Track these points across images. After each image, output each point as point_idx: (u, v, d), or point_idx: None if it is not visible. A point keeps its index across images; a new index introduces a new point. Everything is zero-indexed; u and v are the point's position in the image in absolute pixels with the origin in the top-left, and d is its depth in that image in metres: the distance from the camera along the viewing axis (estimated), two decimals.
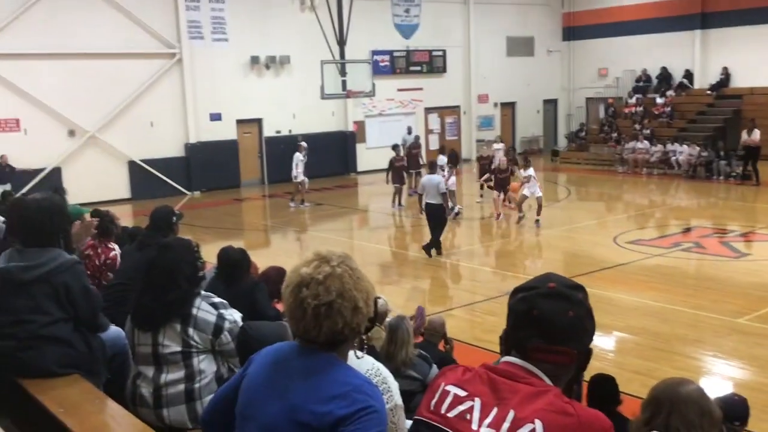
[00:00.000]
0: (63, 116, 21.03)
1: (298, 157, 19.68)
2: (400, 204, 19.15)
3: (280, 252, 14.93)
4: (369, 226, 17.23)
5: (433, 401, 1.95)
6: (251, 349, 3.57)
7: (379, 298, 7.00)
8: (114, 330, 4.08)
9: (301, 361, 2.13)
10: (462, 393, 1.91)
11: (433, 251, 13.53)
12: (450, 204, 14.29)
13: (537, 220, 16.15)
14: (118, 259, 6.44)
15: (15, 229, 3.87)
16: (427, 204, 13.55)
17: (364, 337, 2.32)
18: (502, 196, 17.42)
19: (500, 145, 22.72)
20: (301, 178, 19.62)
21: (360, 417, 2.01)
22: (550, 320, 1.88)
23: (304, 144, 20.25)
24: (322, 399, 2.04)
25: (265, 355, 2.26)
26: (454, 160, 19.07)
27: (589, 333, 1.93)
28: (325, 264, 2.11)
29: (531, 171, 16.34)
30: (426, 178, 13.98)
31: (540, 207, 16.24)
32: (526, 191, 16.34)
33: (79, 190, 19.38)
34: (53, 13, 20.50)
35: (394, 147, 19.77)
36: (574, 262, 13.30)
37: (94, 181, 21.13)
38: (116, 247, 6.55)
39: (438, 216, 13.48)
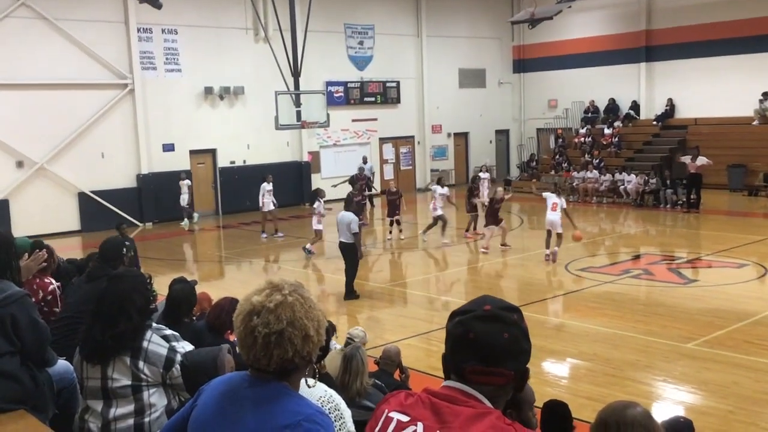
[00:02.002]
0: (11, 147, 20.62)
1: (265, 188, 19.64)
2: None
3: (235, 283, 14.80)
4: (325, 255, 17.18)
5: (377, 428, 1.97)
6: (192, 379, 3.54)
7: (356, 328, 6.99)
8: (62, 364, 4.00)
9: (252, 391, 2.11)
10: (404, 418, 1.93)
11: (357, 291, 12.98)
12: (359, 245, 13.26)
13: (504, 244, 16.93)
14: (58, 292, 6.27)
15: None
16: (339, 243, 13.13)
17: (316, 366, 2.31)
18: (493, 228, 16.76)
19: (486, 175, 22.94)
20: (268, 207, 19.61)
21: None
22: (485, 342, 1.91)
23: (270, 176, 20.29)
24: (273, 428, 2.03)
25: (215, 385, 2.24)
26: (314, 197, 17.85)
27: (525, 353, 1.97)
28: (276, 292, 2.11)
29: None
30: (339, 215, 13.26)
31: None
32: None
33: (27, 222, 19.07)
34: (2, 43, 20.21)
35: (351, 182, 19.73)
36: (527, 290, 13.46)
37: (43, 213, 20.72)
38: (53, 281, 6.38)
39: (348, 257, 12.91)
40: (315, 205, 17.38)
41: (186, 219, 22.26)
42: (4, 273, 3.69)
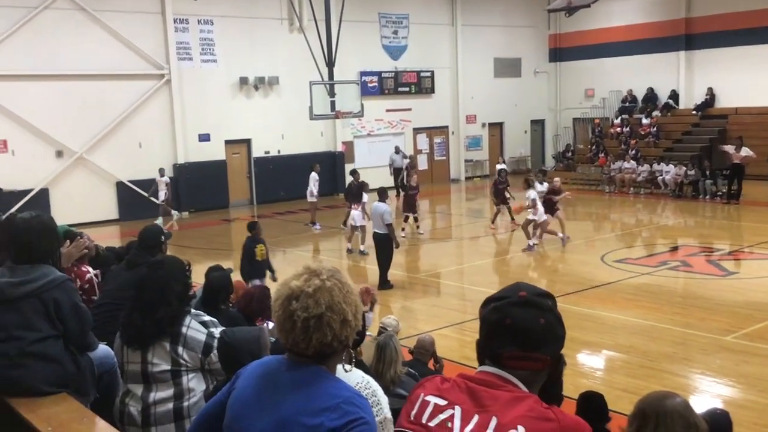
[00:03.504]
0: (51, 137, 21.00)
1: (314, 177, 19.72)
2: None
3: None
4: (358, 246, 17.22)
5: (413, 412, 1.98)
6: (232, 356, 3.58)
7: (389, 317, 7.04)
8: (103, 348, 4.07)
9: (290, 374, 2.13)
10: (442, 402, 1.94)
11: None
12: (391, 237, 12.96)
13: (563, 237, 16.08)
14: (95, 280, 6.38)
15: (5, 247, 3.87)
16: (373, 233, 13.18)
17: (353, 351, 2.33)
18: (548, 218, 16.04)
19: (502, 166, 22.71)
20: (315, 198, 19.75)
21: (351, 429, 2.02)
22: (523, 328, 1.93)
23: (318, 165, 20.38)
24: (312, 411, 2.04)
25: (253, 368, 2.26)
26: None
27: (560, 339, 1.98)
28: (315, 277, 2.12)
29: (533, 193, 15.65)
30: (373, 205, 13.28)
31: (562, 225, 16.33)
32: (532, 215, 15.74)
33: (66, 211, 19.39)
34: (42, 35, 20.54)
35: (352, 172, 19.48)
36: (562, 281, 13.34)
37: (82, 202, 21.08)
38: (90, 269, 6.48)
39: (382, 248, 12.88)
40: (364, 200, 16.81)
41: (160, 217, 19.94)
42: (47, 258, 3.76)
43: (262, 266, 11.35)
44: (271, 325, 6.09)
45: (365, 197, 16.97)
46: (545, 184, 16.83)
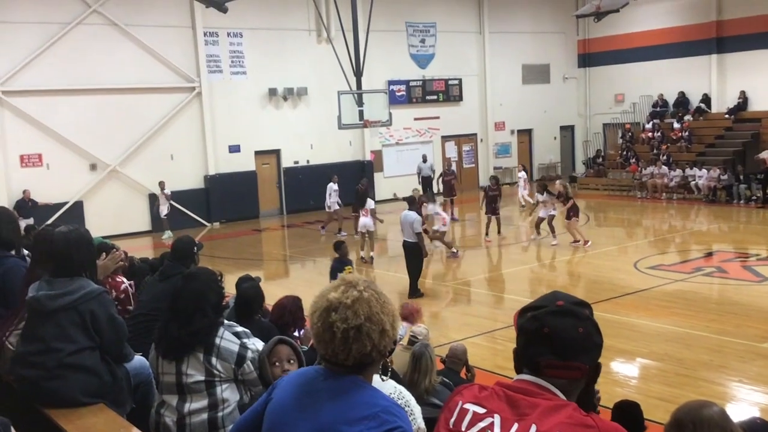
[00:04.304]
0: (85, 150, 21.35)
1: (332, 187, 19.87)
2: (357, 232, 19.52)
3: (299, 282, 14.97)
4: (387, 254, 17.23)
5: (452, 419, 1.98)
6: None
7: (419, 326, 7.03)
8: (138, 359, 4.13)
9: (328, 384, 2.16)
10: (481, 410, 1.95)
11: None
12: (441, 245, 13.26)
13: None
14: (130, 291, 6.47)
15: (43, 260, 3.95)
16: (403, 242, 13.14)
17: (388, 360, 2.35)
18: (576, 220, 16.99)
19: (523, 174, 22.73)
20: (335, 207, 19.86)
21: None
22: (561, 337, 1.94)
23: (335, 176, 20.53)
24: (351, 420, 2.07)
25: (290, 379, 2.30)
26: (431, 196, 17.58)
27: (598, 348, 2.00)
28: (352, 289, 2.16)
29: (545, 196, 17.36)
30: (402, 214, 13.22)
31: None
32: (542, 213, 17.41)
33: (100, 223, 19.65)
34: (75, 50, 20.92)
35: (361, 180, 19.75)
36: (594, 288, 13.22)
37: (116, 214, 21.37)
38: (125, 280, 6.57)
39: (412, 256, 12.88)
40: (371, 206, 17.10)
41: (169, 231, 20.51)
42: (84, 270, 3.83)
43: None
44: (302, 333, 6.11)
45: (371, 203, 17.11)
46: (545, 194, 17.35)
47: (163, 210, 20.90)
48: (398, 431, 2.07)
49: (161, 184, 20.97)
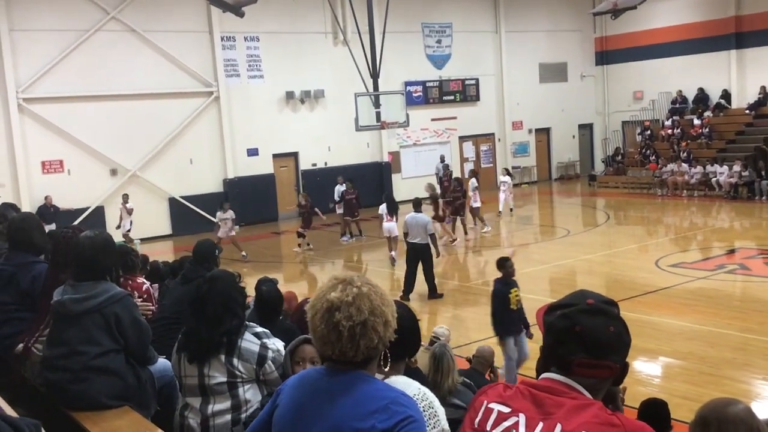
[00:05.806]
0: (105, 156, 21.54)
1: (339, 190, 19.91)
2: (351, 235, 19.89)
3: (318, 283, 14.95)
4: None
5: (477, 419, 1.98)
6: None
7: (440, 327, 7.02)
8: (162, 362, 4.16)
9: (333, 382, 2.16)
10: (506, 409, 1.95)
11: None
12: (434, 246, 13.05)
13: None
14: (152, 291, 6.52)
15: (68, 264, 4.00)
16: (412, 244, 12.95)
17: (409, 361, 2.36)
18: None
19: (507, 178, 22.65)
20: (341, 210, 19.94)
21: (401, 428, 2.06)
22: (593, 336, 1.93)
23: (340, 177, 20.65)
24: (361, 415, 2.07)
25: (293, 382, 2.30)
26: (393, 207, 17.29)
27: (627, 347, 1.99)
28: (350, 286, 2.17)
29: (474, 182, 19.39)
30: (410, 216, 13.07)
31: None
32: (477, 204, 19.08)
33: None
34: (94, 56, 21.12)
35: (347, 181, 19.98)
36: (615, 287, 13.12)
37: (136, 219, 21.45)
38: (146, 281, 6.62)
39: (426, 257, 12.79)
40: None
41: (136, 240, 19.21)
42: (108, 275, 3.87)
43: (515, 318, 8.51)
44: None
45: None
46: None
47: (126, 225, 19.44)
48: (409, 420, 2.07)
49: (124, 197, 19.65)
